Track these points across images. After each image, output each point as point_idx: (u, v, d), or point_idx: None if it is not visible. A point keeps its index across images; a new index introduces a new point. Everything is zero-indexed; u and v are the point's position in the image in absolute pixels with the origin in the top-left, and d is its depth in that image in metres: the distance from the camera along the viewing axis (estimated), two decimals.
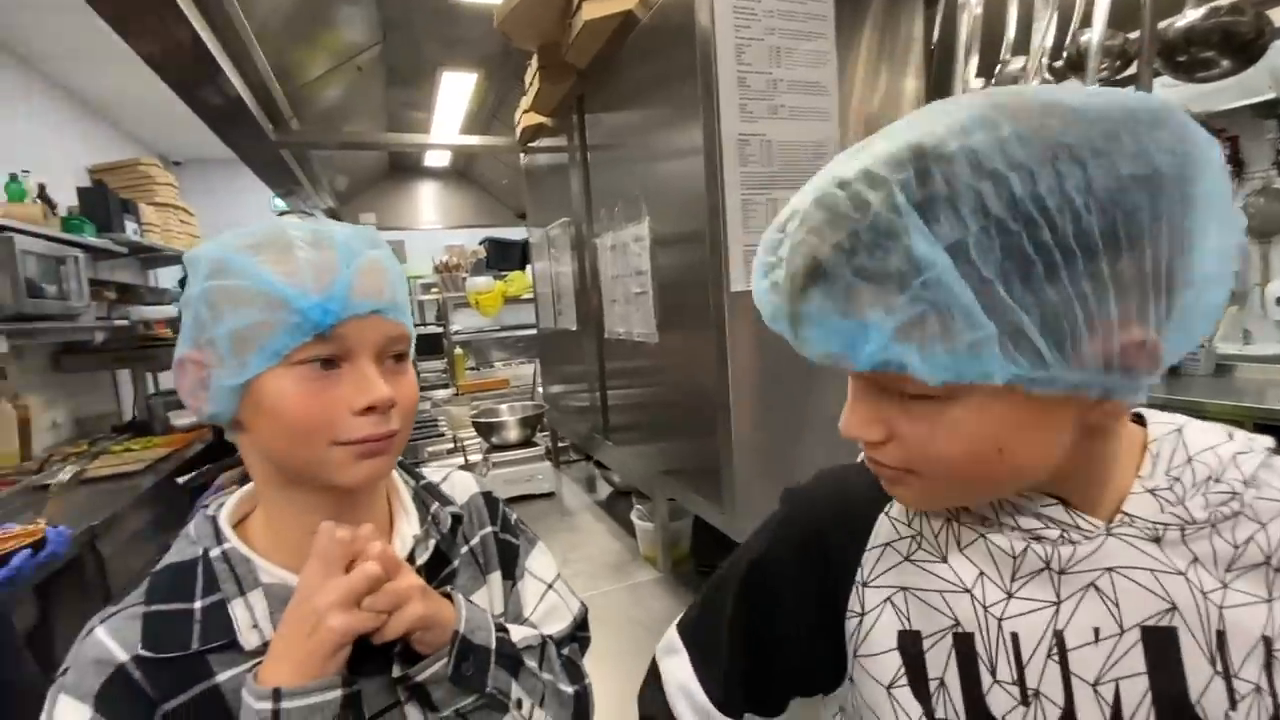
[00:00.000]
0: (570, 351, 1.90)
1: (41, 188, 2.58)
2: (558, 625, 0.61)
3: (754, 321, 0.99)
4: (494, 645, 0.51)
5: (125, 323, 3.23)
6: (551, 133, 1.80)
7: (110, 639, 0.44)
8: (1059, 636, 0.38)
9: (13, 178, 2.45)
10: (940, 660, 0.41)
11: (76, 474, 2.32)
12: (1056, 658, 0.38)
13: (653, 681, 0.55)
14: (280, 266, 0.45)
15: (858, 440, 0.40)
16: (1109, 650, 0.37)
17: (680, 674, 0.52)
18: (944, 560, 0.42)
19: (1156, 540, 0.37)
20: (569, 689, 0.57)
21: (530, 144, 2.00)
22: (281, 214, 4.80)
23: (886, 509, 0.46)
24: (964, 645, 0.40)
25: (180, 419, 3.37)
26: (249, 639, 0.46)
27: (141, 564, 2.26)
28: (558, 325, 1.98)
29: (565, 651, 0.60)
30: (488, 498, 0.64)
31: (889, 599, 0.43)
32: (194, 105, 1.94)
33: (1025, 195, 0.30)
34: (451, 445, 2.34)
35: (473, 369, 4.03)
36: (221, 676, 0.45)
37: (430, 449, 2.43)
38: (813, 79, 0.98)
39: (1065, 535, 0.38)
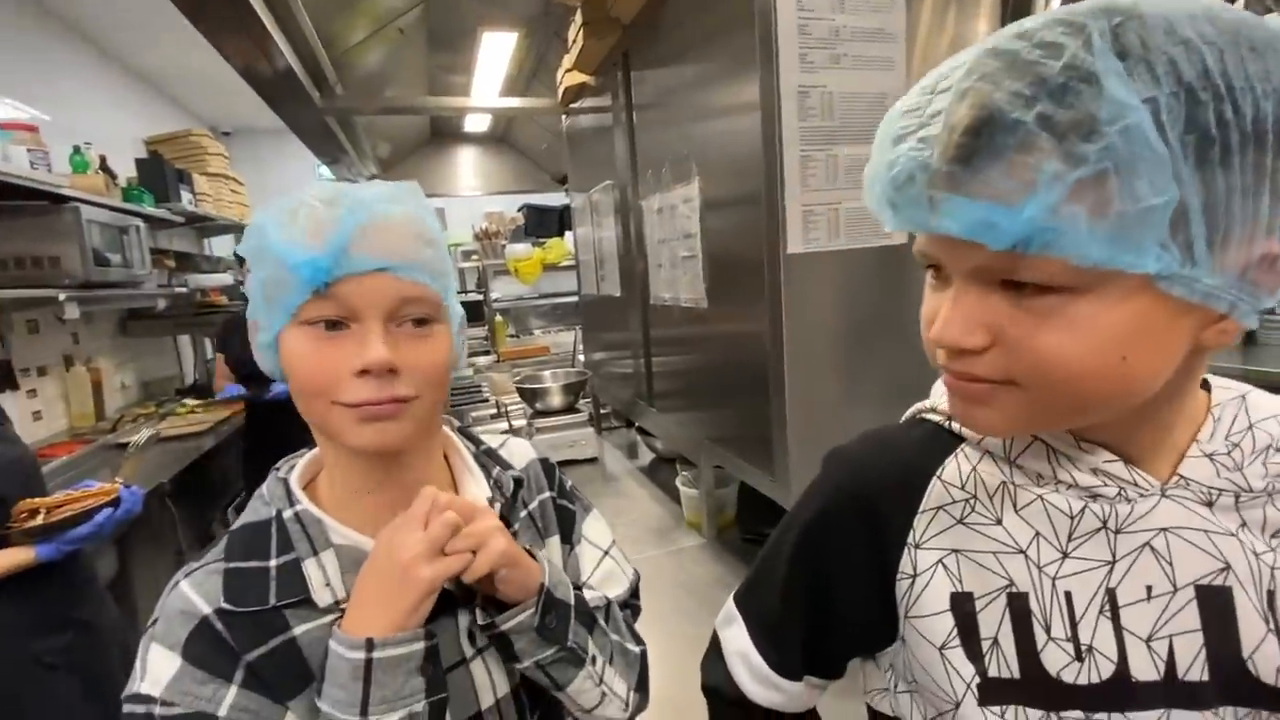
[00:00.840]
0: (613, 318, 1.89)
1: (103, 159, 2.66)
2: (615, 590, 0.61)
3: (811, 285, 0.96)
4: (573, 601, 0.52)
5: (184, 290, 3.36)
6: (595, 92, 1.76)
7: (194, 592, 0.46)
8: (1111, 594, 0.39)
9: (76, 150, 2.53)
10: (993, 620, 0.40)
11: (153, 435, 2.45)
12: (1109, 614, 0.39)
13: (713, 652, 0.56)
14: (289, 224, 0.45)
15: (954, 347, 0.36)
16: (1162, 607, 0.38)
17: (739, 642, 0.52)
18: (999, 522, 0.41)
19: (1209, 504, 0.39)
20: (635, 648, 0.58)
21: (572, 105, 1.96)
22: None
23: (939, 472, 0.45)
24: (1018, 604, 0.40)
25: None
26: (322, 596, 0.47)
27: (208, 520, 2.39)
28: (600, 291, 1.97)
29: (624, 615, 0.61)
30: (545, 464, 0.64)
31: (941, 561, 0.42)
32: (246, 75, 1.96)
33: (1215, 68, 0.29)
34: (495, 410, 2.38)
35: (513, 336, 4.07)
36: (298, 630, 0.46)
37: (474, 414, 2.48)
38: (878, 25, 0.92)
39: (1123, 493, 0.39)
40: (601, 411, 2.36)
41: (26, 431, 1.58)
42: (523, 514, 0.59)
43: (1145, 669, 0.38)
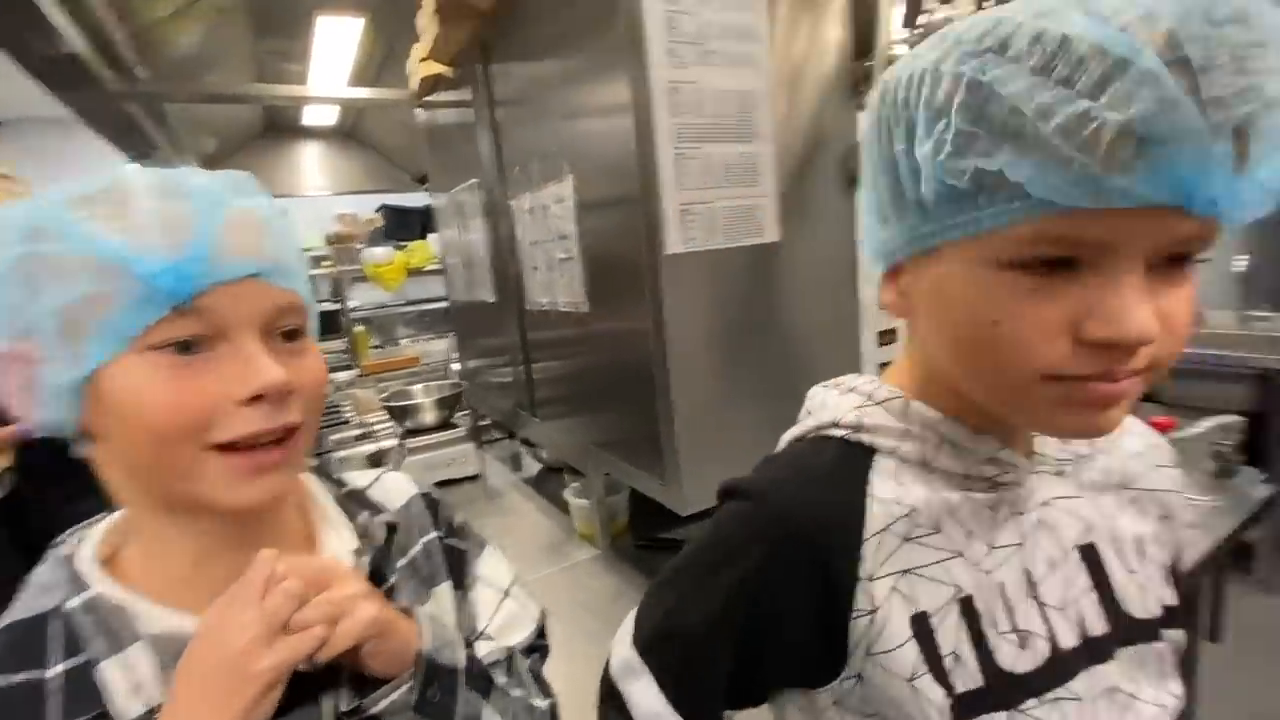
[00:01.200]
0: (488, 324, 1.78)
1: None
2: (518, 635, 0.54)
3: (691, 285, 0.95)
4: (463, 664, 0.44)
5: None
6: (453, 85, 1.65)
7: None
8: (1028, 575, 0.41)
9: None
10: (950, 633, 0.39)
11: None
12: (1031, 595, 0.40)
13: (615, 709, 0.47)
14: (116, 223, 0.35)
15: (1145, 339, 0.31)
16: (1064, 576, 0.41)
17: (650, 703, 0.45)
18: (937, 530, 0.41)
19: (1060, 474, 0.43)
20: (543, 703, 0.52)
21: (428, 98, 1.83)
22: None
23: (868, 490, 0.41)
24: (968, 608, 0.40)
25: None
26: (128, 707, 0.37)
27: None
28: (472, 297, 1.85)
29: (529, 662, 0.54)
30: (428, 499, 0.56)
31: (895, 587, 0.40)
32: (12, 50, 1.60)
33: None
34: (359, 432, 2.16)
35: (377, 347, 3.77)
36: None
37: (334, 437, 2.24)
38: (743, 23, 0.92)
39: (1014, 478, 0.41)
40: (480, 424, 2.24)
41: None
42: (401, 563, 0.50)
43: (1068, 637, 0.40)
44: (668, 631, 0.46)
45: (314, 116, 3.66)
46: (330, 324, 3.53)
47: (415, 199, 4.04)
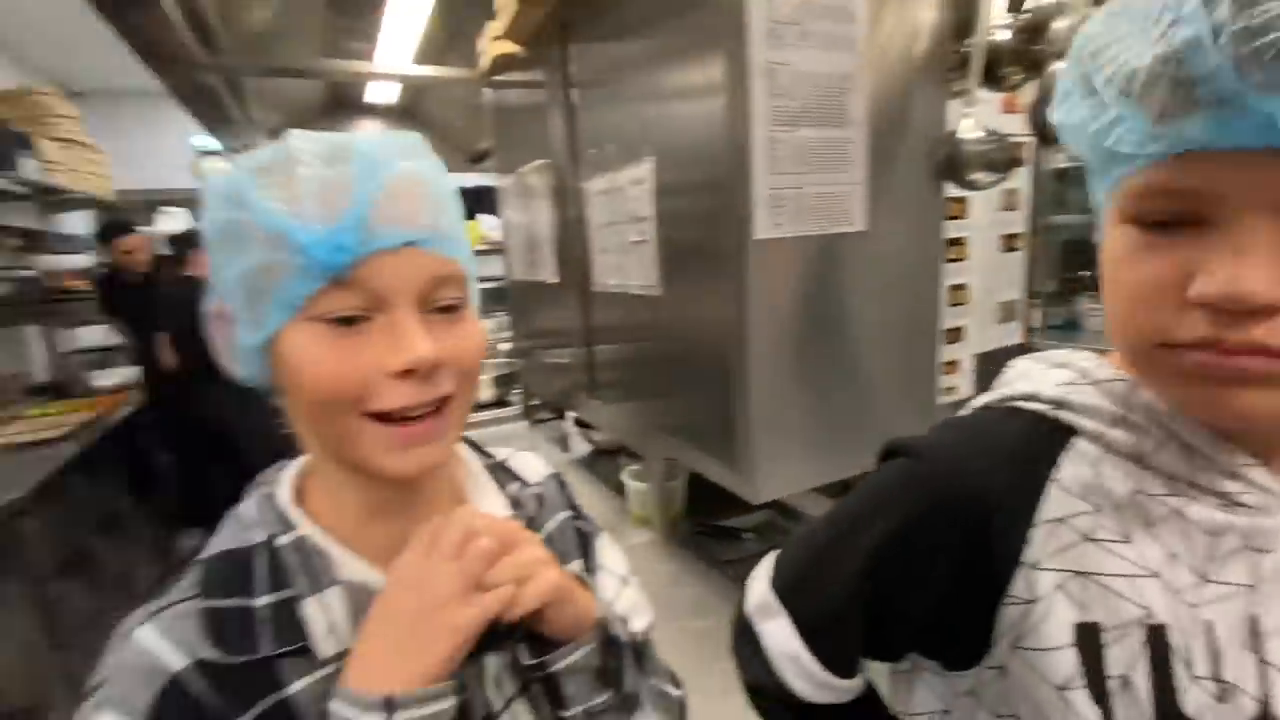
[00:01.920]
0: (547, 305, 1.80)
1: None
2: (640, 623, 0.54)
3: (776, 271, 0.93)
4: (625, 638, 0.45)
5: (30, 274, 2.89)
6: (525, 65, 1.65)
7: (161, 641, 0.36)
8: (1253, 623, 0.34)
9: None
10: (1126, 657, 0.35)
11: None
12: (1252, 647, 0.34)
13: (748, 645, 0.49)
14: (282, 192, 0.36)
15: (1255, 303, 0.28)
16: None
17: (785, 643, 0.46)
18: (1127, 540, 0.36)
19: None
20: (676, 693, 0.51)
21: (498, 77, 1.83)
22: (204, 154, 4.37)
23: (1053, 474, 0.38)
24: (1158, 639, 0.34)
25: (103, 379, 3.10)
26: (324, 646, 0.38)
27: (73, 544, 2.07)
28: (532, 277, 1.87)
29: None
30: (559, 480, 0.58)
31: (1062, 586, 0.36)
32: (119, 26, 1.67)
33: None
34: None
35: None
36: (293, 687, 0.37)
37: None
38: (841, 3, 0.90)
39: (1262, 502, 0.34)
40: (531, 404, 2.26)
41: None
42: (541, 537, 0.51)
43: None
44: (809, 577, 0.46)
45: (376, 94, 3.72)
46: None
47: (466, 179, 4.09)
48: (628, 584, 0.56)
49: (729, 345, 0.96)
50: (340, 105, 3.87)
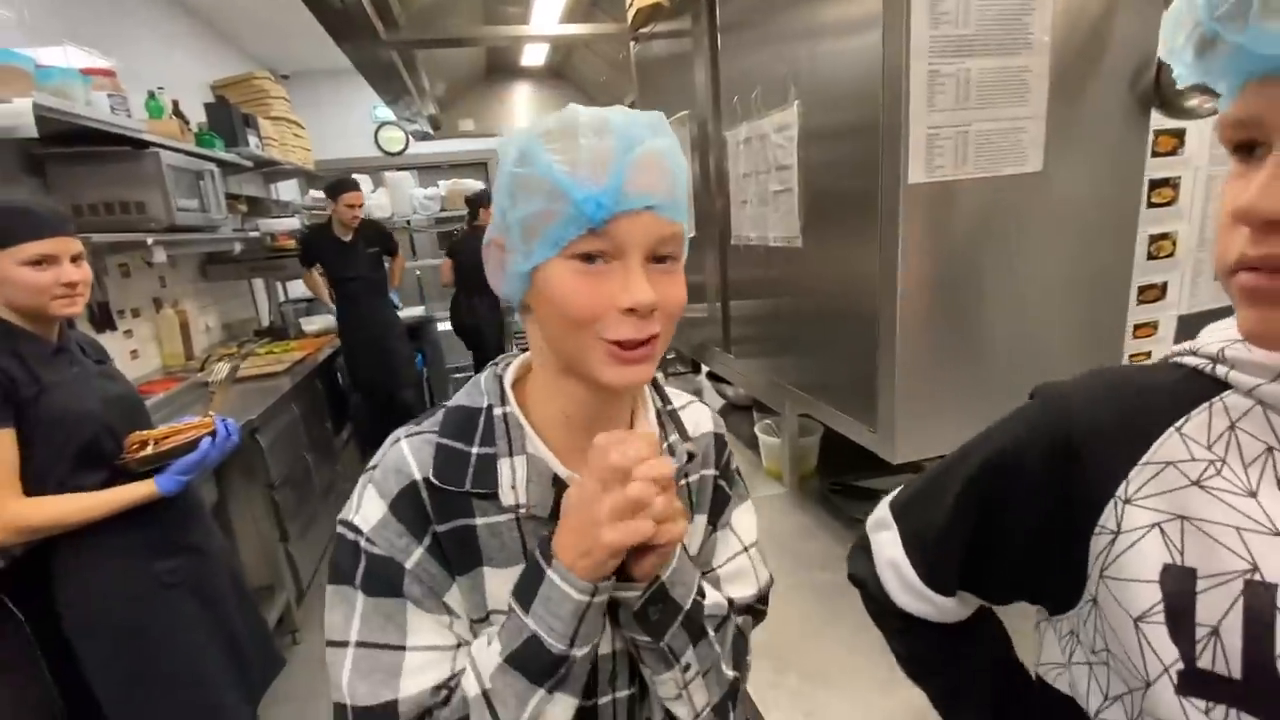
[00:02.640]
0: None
1: (175, 104, 2.69)
2: (742, 590, 0.59)
3: (932, 220, 0.87)
4: (686, 607, 0.51)
5: (256, 234, 3.45)
6: (671, 15, 1.63)
7: (411, 455, 0.49)
8: None
9: (151, 95, 2.56)
10: (1219, 606, 0.35)
11: (231, 371, 2.56)
12: None
13: (861, 550, 0.58)
14: (565, 155, 0.44)
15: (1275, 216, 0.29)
16: None
17: (890, 550, 0.53)
18: (1252, 495, 0.35)
19: None
20: (730, 672, 0.56)
21: (643, 30, 1.83)
22: (381, 125, 4.85)
23: (1179, 423, 0.39)
24: (1262, 597, 0.34)
25: (310, 325, 3.65)
26: (506, 496, 0.49)
27: (292, 453, 2.51)
28: None
29: (739, 621, 0.58)
30: (719, 440, 0.63)
31: (1159, 525, 0.37)
32: (313, 8, 1.90)
33: None
34: None
35: None
36: (479, 520, 0.49)
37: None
38: None
39: None
40: (665, 356, 2.32)
41: (127, 369, 1.66)
42: (680, 484, 0.57)
43: None
44: (918, 494, 0.53)
45: (529, 57, 3.87)
46: None
47: None
48: (747, 552, 0.61)
49: (874, 299, 0.91)
50: (497, 70, 4.09)
